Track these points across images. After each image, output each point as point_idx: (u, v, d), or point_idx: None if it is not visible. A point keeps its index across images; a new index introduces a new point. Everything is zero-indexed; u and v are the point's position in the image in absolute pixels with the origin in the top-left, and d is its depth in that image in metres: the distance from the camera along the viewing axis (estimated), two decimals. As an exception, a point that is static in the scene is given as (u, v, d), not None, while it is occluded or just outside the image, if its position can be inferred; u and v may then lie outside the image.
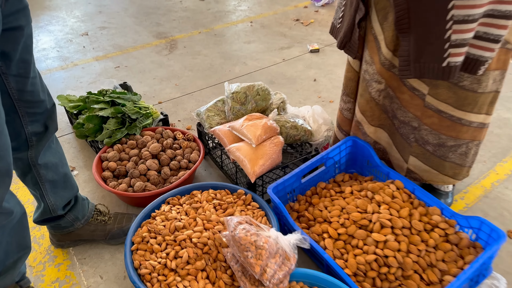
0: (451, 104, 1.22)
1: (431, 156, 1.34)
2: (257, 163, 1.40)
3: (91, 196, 1.61)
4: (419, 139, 1.32)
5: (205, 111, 1.67)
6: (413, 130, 1.32)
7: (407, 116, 1.31)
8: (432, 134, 1.29)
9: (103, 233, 1.36)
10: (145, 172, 1.53)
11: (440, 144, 1.31)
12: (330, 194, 1.39)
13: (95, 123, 1.73)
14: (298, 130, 1.58)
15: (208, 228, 1.21)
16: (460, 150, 1.32)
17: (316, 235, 1.24)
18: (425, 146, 1.33)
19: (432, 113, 1.26)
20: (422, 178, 1.42)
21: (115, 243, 1.38)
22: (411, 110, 1.29)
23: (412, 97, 1.27)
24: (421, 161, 1.37)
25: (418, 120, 1.29)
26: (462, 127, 1.26)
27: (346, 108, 1.53)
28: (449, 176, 1.39)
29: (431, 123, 1.28)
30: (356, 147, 1.48)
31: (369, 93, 1.35)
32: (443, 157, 1.33)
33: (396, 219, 1.19)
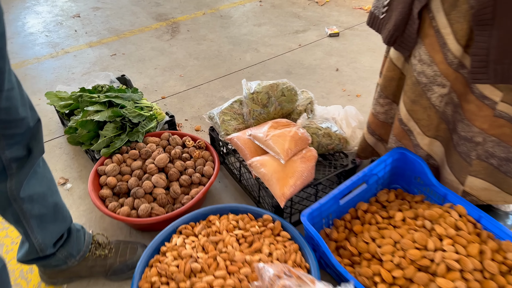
0: None
1: (494, 171, 1.10)
2: (286, 183, 1.15)
3: (88, 216, 1.38)
4: (482, 154, 1.08)
5: (220, 115, 1.41)
6: (476, 146, 1.08)
7: (470, 131, 1.07)
8: (500, 146, 1.05)
9: (103, 269, 1.14)
10: (150, 191, 1.29)
11: (509, 159, 1.06)
12: (376, 221, 1.16)
13: (90, 129, 1.47)
14: (332, 139, 1.33)
15: (233, 272, 0.98)
16: None
17: (366, 279, 1.01)
18: (488, 160, 1.09)
19: (503, 123, 1.01)
20: (480, 198, 1.18)
21: (118, 279, 1.16)
22: (476, 123, 1.04)
23: (480, 108, 1.02)
24: (481, 178, 1.13)
25: (484, 134, 1.05)
26: None
27: (383, 112, 1.27)
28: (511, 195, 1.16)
29: (501, 134, 1.03)
30: (405, 161, 1.24)
31: (427, 98, 1.09)
32: (509, 173, 1.09)
33: (465, 259, 0.96)
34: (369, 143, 1.36)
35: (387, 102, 1.25)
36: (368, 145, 1.37)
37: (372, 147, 1.37)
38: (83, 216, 1.38)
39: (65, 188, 1.49)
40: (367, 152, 1.39)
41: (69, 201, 1.44)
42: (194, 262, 1.00)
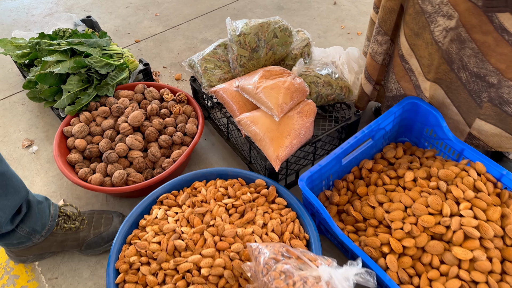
0: None
1: (508, 118, 0.96)
2: (282, 143, 1.00)
3: (58, 183, 1.22)
4: (496, 98, 0.93)
5: (201, 62, 1.20)
6: (489, 88, 0.93)
7: (483, 68, 0.91)
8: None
9: (76, 243, 1.01)
10: (125, 154, 1.12)
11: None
12: (383, 182, 1.03)
13: (51, 83, 1.26)
14: (333, 88, 1.15)
15: (222, 248, 0.86)
16: None
17: (372, 249, 0.90)
18: (502, 106, 0.94)
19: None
20: (488, 144, 1.05)
21: (94, 253, 1.04)
22: (492, 60, 0.88)
23: (498, 42, 0.85)
24: (491, 123, 0.99)
25: (500, 75, 0.89)
26: None
27: (381, 52, 1.10)
28: None
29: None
30: (417, 112, 1.08)
31: (430, 32, 0.91)
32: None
33: (485, 225, 0.84)
34: (365, 90, 1.19)
35: (386, 40, 1.07)
36: (365, 93, 1.20)
37: (368, 95, 1.21)
38: (52, 183, 1.22)
39: (30, 151, 1.32)
40: (364, 101, 1.22)
41: (36, 166, 1.28)
42: (178, 239, 0.88)
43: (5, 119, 1.44)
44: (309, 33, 1.71)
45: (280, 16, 1.81)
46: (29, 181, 1.23)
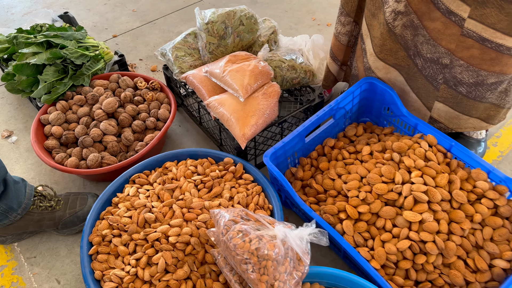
0: (500, 30, 0.87)
1: (463, 99, 1.04)
2: (247, 122, 1.06)
3: (36, 170, 1.27)
4: (450, 79, 1.00)
5: (172, 50, 1.26)
6: (443, 69, 1.00)
7: (436, 52, 0.98)
8: (468, 71, 0.97)
9: (53, 222, 1.06)
10: (100, 139, 1.17)
11: (478, 83, 0.99)
12: (342, 157, 1.09)
13: (28, 74, 1.30)
14: (297, 72, 1.21)
15: (190, 219, 0.91)
16: (501, 88, 1.01)
17: (331, 216, 0.97)
18: (457, 87, 1.01)
19: (471, 43, 0.92)
20: (448, 126, 1.13)
21: (70, 232, 1.08)
22: (442, 43, 0.95)
23: (446, 25, 0.92)
24: (450, 106, 1.07)
25: (451, 55, 0.96)
26: (510, 59, 0.94)
27: (344, 32, 1.17)
28: (481, 120, 1.10)
29: (469, 56, 0.94)
30: (375, 92, 1.15)
31: (383, 12, 0.98)
32: (478, 98, 1.03)
33: (434, 190, 0.91)
34: (331, 70, 1.26)
35: (349, 21, 1.14)
36: (331, 73, 1.27)
37: (334, 75, 1.27)
38: (31, 170, 1.27)
39: (10, 141, 1.36)
40: (330, 81, 1.29)
41: (15, 154, 1.32)
42: (148, 212, 0.93)
43: (-16, 112, 1.47)
44: (281, 25, 1.78)
45: (254, 9, 1.88)
46: (9, 168, 1.27)
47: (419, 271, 0.89)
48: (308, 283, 0.85)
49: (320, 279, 0.86)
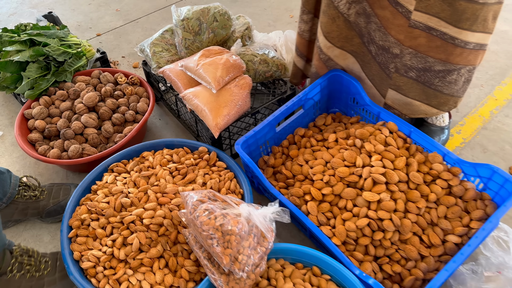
0: (444, 19, 0.95)
1: (414, 84, 1.10)
2: (220, 112, 1.12)
3: (21, 163, 1.32)
4: (401, 67, 1.08)
5: (150, 46, 1.32)
6: (394, 58, 1.07)
7: (387, 41, 1.05)
8: (417, 57, 1.04)
9: (37, 211, 1.11)
10: (81, 131, 1.23)
11: (426, 69, 1.06)
12: (310, 144, 1.16)
13: (12, 71, 1.35)
14: (269, 65, 1.28)
15: (164, 203, 0.97)
16: (450, 77, 1.08)
17: (297, 198, 1.03)
18: (407, 73, 1.08)
19: (419, 33, 0.99)
20: (402, 112, 1.20)
21: (54, 220, 1.14)
22: (392, 32, 1.02)
23: (395, 16, 0.99)
24: (402, 93, 1.14)
25: (400, 45, 1.03)
26: (455, 49, 1.01)
27: (308, 29, 1.23)
28: (432, 106, 1.17)
29: (417, 45, 1.01)
30: (341, 83, 1.22)
31: (335, 7, 1.05)
32: (428, 83, 1.10)
33: (391, 172, 0.98)
34: (299, 66, 1.32)
35: (310, 18, 1.20)
36: (299, 69, 1.33)
37: (302, 71, 1.34)
38: (16, 163, 1.32)
39: (-5, 136, 1.41)
40: (298, 77, 1.35)
41: (1, 149, 1.37)
42: (124, 197, 0.99)
43: (-30, 109, 1.52)
44: (260, 22, 1.84)
45: (234, 8, 1.94)
46: (-6, 162, 1.32)
47: (377, 247, 0.95)
48: (274, 259, 0.92)
49: (285, 255, 0.92)
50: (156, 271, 0.88)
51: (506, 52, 1.65)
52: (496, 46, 1.69)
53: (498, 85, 1.52)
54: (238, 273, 0.80)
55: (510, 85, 1.51)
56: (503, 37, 1.73)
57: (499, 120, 1.39)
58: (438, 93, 1.12)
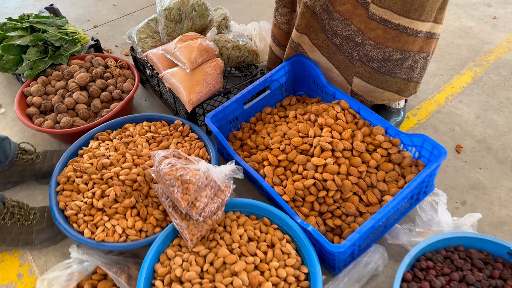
0: (396, 12, 1.09)
1: (376, 74, 1.24)
2: (193, 90, 1.27)
3: (21, 135, 1.48)
4: (363, 56, 1.21)
5: (137, 33, 1.48)
6: (357, 47, 1.21)
7: (350, 30, 1.19)
8: (377, 49, 1.18)
9: (33, 173, 1.26)
10: (73, 106, 1.39)
11: (386, 59, 1.20)
12: (274, 120, 1.30)
13: (14, 53, 1.52)
14: (242, 51, 1.43)
15: (138, 163, 1.12)
16: (407, 64, 1.22)
17: (256, 163, 1.18)
18: (369, 63, 1.22)
19: (376, 25, 1.13)
20: (367, 99, 1.33)
21: (48, 182, 1.29)
22: (354, 22, 1.16)
23: (356, 6, 1.13)
24: (366, 81, 1.27)
25: (362, 34, 1.17)
26: (409, 38, 1.15)
27: (285, 21, 1.37)
28: (394, 92, 1.31)
29: (376, 36, 1.15)
30: (303, 67, 1.36)
31: (304, 3, 1.19)
32: (388, 72, 1.24)
33: (337, 141, 1.12)
34: (278, 54, 1.47)
35: (287, 12, 1.34)
36: (277, 57, 1.48)
37: (281, 58, 1.48)
38: (16, 135, 1.48)
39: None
40: (277, 63, 1.50)
41: (3, 123, 1.53)
42: (105, 159, 1.14)
43: (-23, 89, 1.69)
44: (244, 17, 1.99)
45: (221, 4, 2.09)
46: (-4, 134, 1.48)
47: (321, 204, 1.09)
48: (231, 211, 1.06)
49: (241, 208, 1.07)
50: (128, 218, 1.03)
51: (468, 46, 1.79)
52: (460, 40, 1.82)
53: (457, 75, 1.65)
54: (195, 216, 0.95)
55: (468, 75, 1.65)
56: (467, 33, 1.86)
57: (453, 105, 1.52)
58: (398, 80, 1.26)
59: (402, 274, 0.92)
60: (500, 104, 1.51)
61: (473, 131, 1.42)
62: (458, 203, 1.21)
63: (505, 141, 1.38)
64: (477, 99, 1.54)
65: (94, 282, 1.00)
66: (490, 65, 1.68)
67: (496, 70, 1.65)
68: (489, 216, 1.17)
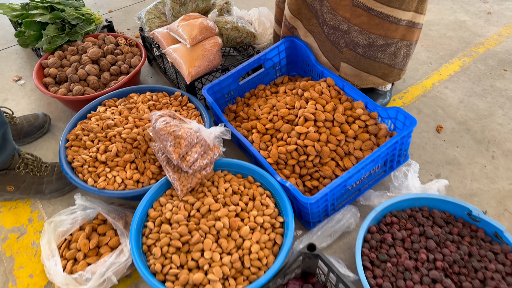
0: (378, 0, 1.19)
1: (362, 59, 1.34)
2: (193, 64, 1.39)
3: (38, 103, 1.63)
4: (349, 42, 1.31)
5: (145, 14, 1.61)
6: (343, 34, 1.31)
7: (336, 20, 1.29)
8: (362, 34, 1.28)
9: (16, 132, 1.40)
10: (84, 77, 1.52)
11: (370, 44, 1.30)
12: (265, 95, 1.42)
13: (34, 29, 1.67)
14: (240, 32, 1.55)
15: (139, 125, 1.25)
16: (390, 50, 1.32)
17: (246, 131, 1.29)
18: (355, 49, 1.32)
19: (361, 12, 1.23)
20: (354, 82, 1.43)
21: (31, 140, 1.45)
22: (340, 12, 1.26)
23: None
24: (352, 65, 1.37)
25: (348, 22, 1.27)
26: (391, 25, 1.25)
27: (281, 1, 1.48)
28: (378, 77, 1.40)
29: (361, 23, 1.25)
30: (295, 48, 1.47)
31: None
32: (373, 57, 1.33)
33: (320, 112, 1.23)
34: (277, 32, 1.58)
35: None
36: (277, 35, 1.59)
37: (280, 36, 1.59)
38: (33, 103, 1.63)
39: (19, 83, 1.73)
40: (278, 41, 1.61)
41: (22, 93, 1.68)
42: (110, 120, 1.27)
43: (2, 63, 1.85)
44: (249, 6, 2.11)
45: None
46: (16, 102, 1.64)
47: (302, 167, 1.20)
48: (220, 170, 1.18)
49: (229, 168, 1.18)
50: (128, 170, 1.16)
51: (459, 38, 1.87)
52: (452, 32, 1.90)
53: (446, 63, 1.74)
54: (185, 168, 1.07)
55: (456, 64, 1.73)
56: (460, 26, 1.94)
57: (439, 90, 1.61)
58: (382, 65, 1.36)
59: (367, 226, 1.02)
60: (484, 91, 1.59)
61: (455, 114, 1.50)
62: (433, 175, 1.30)
63: (484, 123, 1.46)
64: (463, 85, 1.62)
65: (95, 225, 1.12)
66: (479, 56, 1.76)
67: (484, 61, 1.73)
68: (460, 188, 1.26)
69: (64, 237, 1.11)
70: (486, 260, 0.95)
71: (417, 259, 0.96)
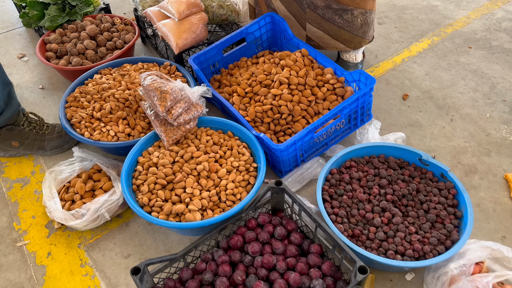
0: None
1: (322, 21, 1.49)
2: (180, 36, 1.54)
3: (40, 77, 1.78)
4: (310, 4, 1.47)
5: (139, -5, 1.76)
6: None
7: None
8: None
9: None
10: (83, 51, 1.67)
11: (327, 6, 1.45)
12: (247, 65, 1.56)
13: (38, 9, 1.82)
14: (225, 10, 1.70)
15: (131, 88, 1.39)
16: (346, 16, 1.47)
17: (227, 94, 1.44)
18: (316, 10, 1.47)
19: None
20: (319, 44, 1.58)
21: None
22: None
23: None
24: (316, 27, 1.52)
25: None
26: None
27: None
28: (340, 42, 1.55)
29: None
30: (274, 23, 1.62)
31: None
32: (331, 20, 1.48)
33: (293, 77, 1.37)
34: (251, 4, 1.73)
35: None
36: (251, 6, 1.74)
37: (254, 7, 1.74)
38: (36, 76, 1.78)
39: (23, 60, 1.88)
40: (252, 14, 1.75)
41: (25, 68, 1.83)
42: (105, 84, 1.42)
43: (7, 43, 2.00)
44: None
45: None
46: (21, 76, 1.78)
47: (276, 125, 1.34)
48: (203, 127, 1.32)
49: (211, 125, 1.33)
50: (120, 125, 1.30)
51: (430, 20, 2.02)
52: (424, 15, 2.05)
53: (416, 42, 1.88)
54: (170, 120, 1.21)
55: (425, 42, 1.88)
56: (432, 9, 2.09)
57: (407, 65, 1.75)
58: (342, 31, 1.51)
59: (329, 168, 1.16)
60: (449, 65, 1.74)
61: (421, 84, 1.65)
62: (395, 135, 1.44)
63: (446, 92, 1.60)
64: (430, 61, 1.76)
65: (91, 173, 1.27)
66: (447, 35, 1.91)
67: (451, 40, 1.88)
68: (420, 146, 1.40)
69: (63, 184, 1.25)
70: (431, 194, 1.09)
71: (370, 193, 1.10)
